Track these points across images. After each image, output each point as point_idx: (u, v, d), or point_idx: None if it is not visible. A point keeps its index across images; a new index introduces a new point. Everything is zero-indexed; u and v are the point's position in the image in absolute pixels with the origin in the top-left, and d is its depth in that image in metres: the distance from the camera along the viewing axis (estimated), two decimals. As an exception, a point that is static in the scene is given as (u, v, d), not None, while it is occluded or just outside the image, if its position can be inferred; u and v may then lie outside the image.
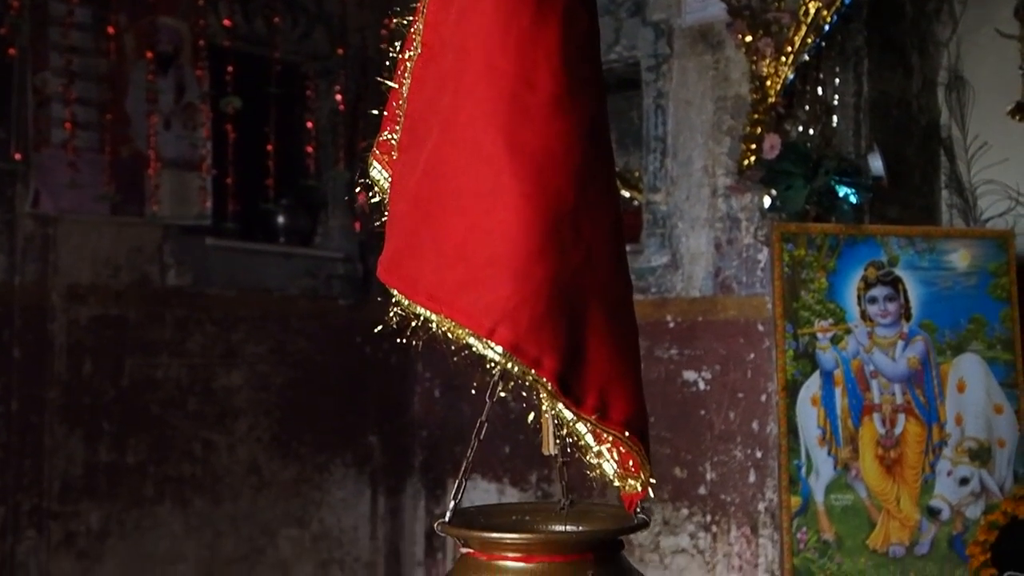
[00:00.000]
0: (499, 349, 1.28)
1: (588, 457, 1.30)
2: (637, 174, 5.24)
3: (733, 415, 4.89)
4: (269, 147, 5.07)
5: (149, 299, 4.69)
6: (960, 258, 4.64)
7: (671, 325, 5.09)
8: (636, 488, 1.27)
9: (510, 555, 1.28)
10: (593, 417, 1.26)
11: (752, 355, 4.86)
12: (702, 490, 4.94)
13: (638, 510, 1.37)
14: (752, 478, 4.81)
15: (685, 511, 4.96)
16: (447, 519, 1.39)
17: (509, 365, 1.28)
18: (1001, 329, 4.54)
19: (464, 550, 1.37)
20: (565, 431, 1.30)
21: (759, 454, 4.79)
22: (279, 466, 5.15)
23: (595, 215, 1.32)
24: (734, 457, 4.87)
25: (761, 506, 4.76)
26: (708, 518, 4.91)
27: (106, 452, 4.50)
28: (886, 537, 4.45)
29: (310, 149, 5.34)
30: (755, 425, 4.82)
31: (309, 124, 5.33)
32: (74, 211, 4.43)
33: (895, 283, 4.61)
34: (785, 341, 4.61)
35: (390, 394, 5.69)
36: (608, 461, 1.27)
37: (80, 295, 4.47)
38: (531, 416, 1.31)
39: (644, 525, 1.36)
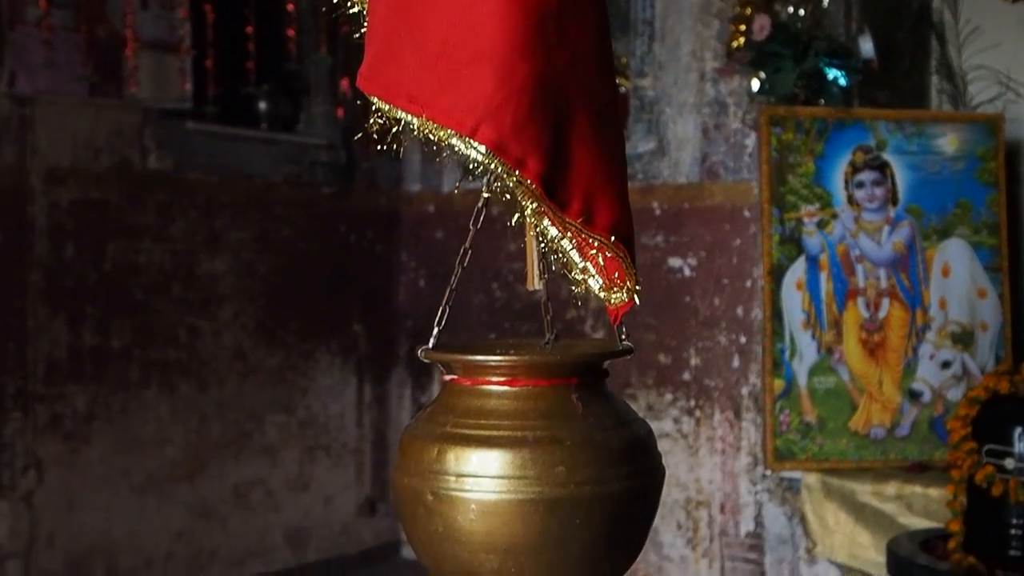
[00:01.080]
0: (482, 149, 1.25)
1: (573, 274, 1.28)
2: (624, 60, 5.16)
3: (718, 301, 4.90)
4: (249, 29, 4.97)
5: (130, 183, 4.63)
6: (948, 143, 4.61)
7: (657, 212, 5.06)
8: (622, 299, 1.26)
9: (494, 379, 1.28)
10: (578, 221, 1.24)
11: (738, 241, 4.85)
12: (686, 376, 4.97)
13: (622, 337, 1.36)
14: (736, 363, 4.84)
15: (669, 396, 5.00)
16: (430, 345, 1.38)
17: (492, 166, 1.26)
18: (987, 214, 4.54)
19: (448, 377, 1.36)
20: (548, 246, 1.28)
21: (743, 339, 4.81)
22: (264, 353, 5.15)
23: (581, 18, 1.28)
24: (718, 343, 4.89)
25: (744, 390, 4.79)
26: (692, 403, 4.95)
27: (90, 336, 4.49)
28: (867, 419, 4.51)
29: (291, 33, 5.23)
30: (739, 311, 4.83)
31: (290, 7, 5.21)
32: (51, 92, 4.35)
33: (883, 167, 4.58)
34: (771, 226, 4.60)
35: (375, 283, 5.68)
36: (593, 276, 1.25)
37: (60, 178, 4.41)
38: (515, 217, 1.28)
39: (628, 351, 1.35)
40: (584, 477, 1.23)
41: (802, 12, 4.54)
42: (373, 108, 1.33)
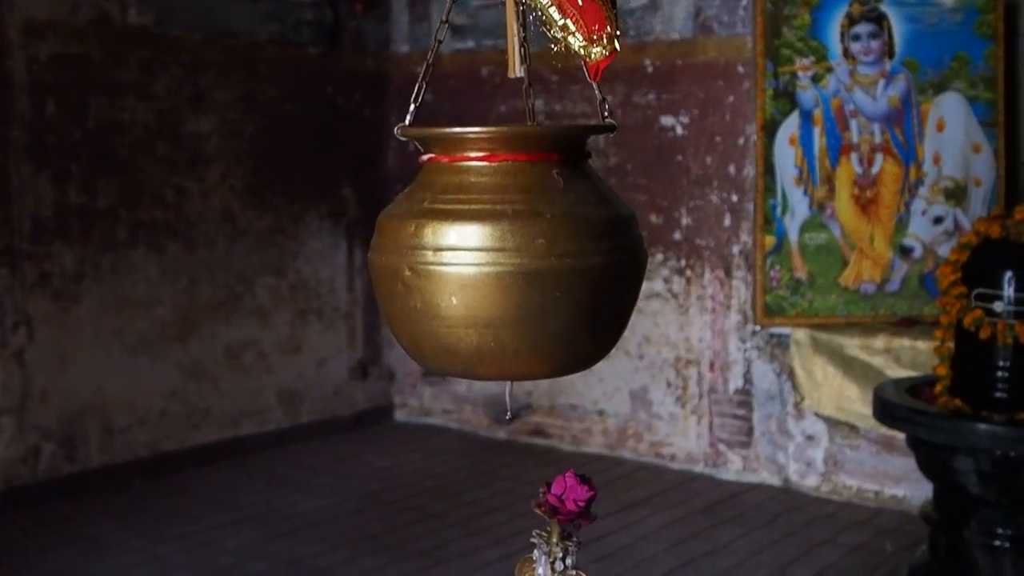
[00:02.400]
0: None
1: (552, 32, 1.24)
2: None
3: (710, 159, 4.85)
4: None
5: (111, 38, 4.53)
6: (947, -6, 4.51)
7: (649, 70, 4.97)
8: (603, 53, 1.22)
9: (473, 155, 1.25)
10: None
11: (731, 98, 4.77)
12: (677, 236, 4.95)
13: (605, 115, 1.33)
14: (727, 222, 4.81)
15: (660, 256, 4.98)
16: (407, 122, 1.34)
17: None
18: (984, 67, 4.46)
19: (425, 157, 1.33)
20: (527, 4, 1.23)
21: (735, 198, 4.78)
22: (253, 215, 5.11)
23: None
24: (710, 202, 4.86)
25: (735, 249, 4.78)
26: (682, 263, 4.95)
27: (75, 194, 4.44)
28: (858, 275, 4.51)
29: None
30: (732, 169, 4.79)
31: None
32: (25, -59, 4.22)
33: (879, 20, 4.49)
34: (765, 80, 4.54)
35: (364, 147, 5.61)
36: (573, 35, 1.21)
37: (38, 31, 4.30)
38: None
39: (611, 128, 1.31)
40: (564, 250, 1.21)
41: None
42: None
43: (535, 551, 1.40)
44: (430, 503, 4.45)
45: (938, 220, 4.47)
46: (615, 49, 1.21)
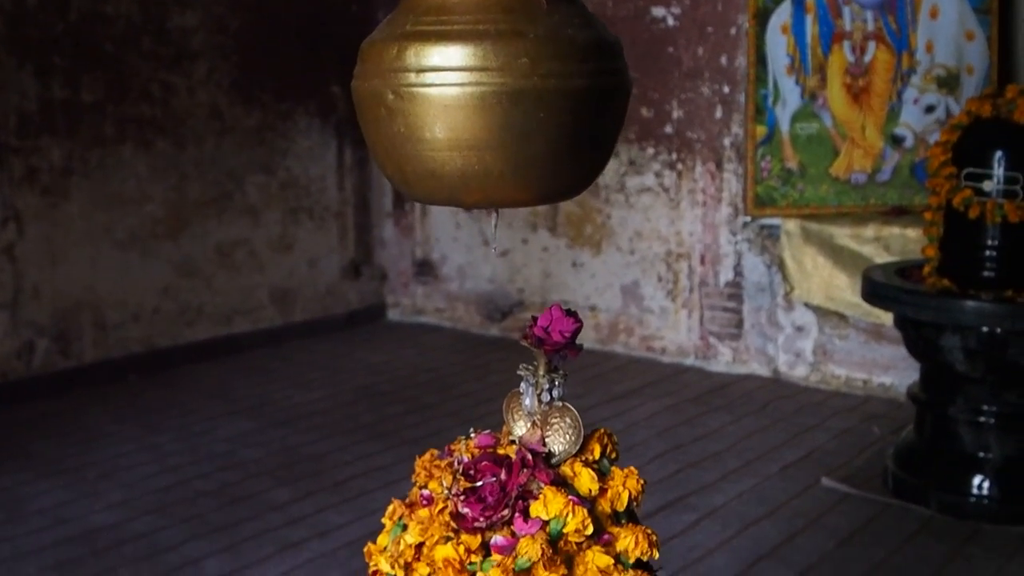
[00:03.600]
0: None
1: None
2: None
3: (702, 51, 4.80)
4: None
5: (91, -72, 4.45)
6: None
7: (641, -40, 4.90)
8: None
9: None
10: None
11: (723, -13, 4.72)
12: (668, 129, 4.92)
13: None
14: (718, 114, 4.78)
15: (651, 151, 4.96)
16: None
17: None
18: (979, -48, 4.40)
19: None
20: None
21: (726, 89, 4.74)
22: (242, 112, 5.07)
23: None
24: (701, 94, 4.82)
25: (726, 141, 4.76)
26: (673, 156, 4.92)
27: (60, 88, 4.39)
28: (849, 165, 4.50)
29: None
30: (723, 60, 4.74)
31: None
32: None
33: (874, -96, 4.41)
34: (757, -33, 4.47)
35: (352, 44, 5.51)
36: None
37: (16, -80, 4.22)
38: None
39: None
40: (548, 70, 1.20)
41: None
42: None
43: (522, 384, 1.42)
44: (423, 395, 4.49)
45: (930, 109, 4.44)
46: None
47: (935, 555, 2.95)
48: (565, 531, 1.31)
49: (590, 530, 1.32)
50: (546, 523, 1.31)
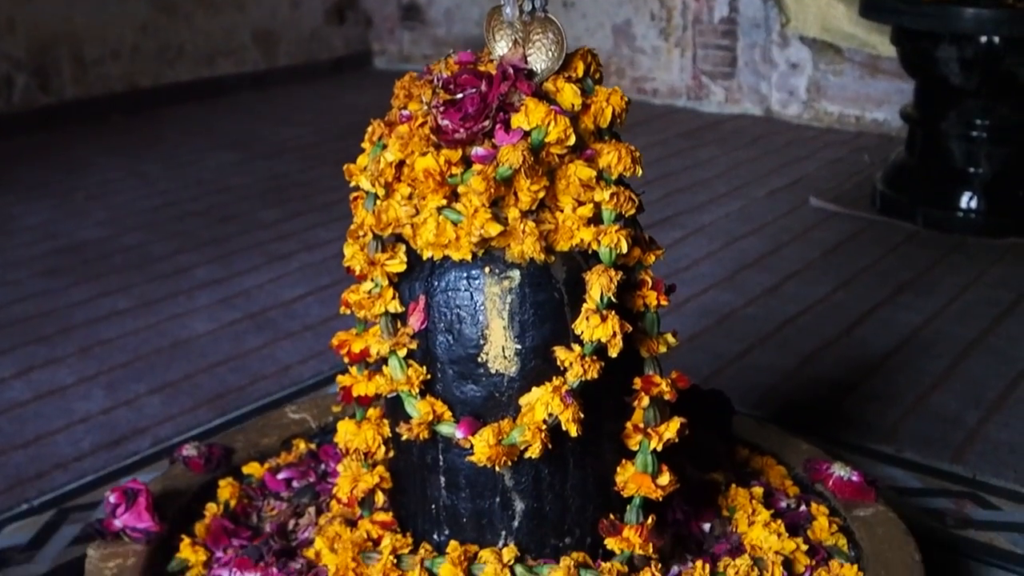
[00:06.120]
0: None
1: None
2: None
3: None
4: None
5: None
6: None
7: None
8: None
9: None
10: None
11: None
12: None
13: None
14: None
15: None
16: None
17: None
18: None
19: None
20: None
21: None
22: None
23: None
24: None
25: None
26: None
27: None
28: None
29: None
30: None
31: None
32: None
33: None
34: None
35: None
36: None
37: None
38: None
39: None
40: None
41: None
42: None
43: (504, -7, 1.36)
44: (411, 132, 4.44)
45: None
46: None
47: (919, 262, 2.98)
48: (547, 140, 1.29)
49: (572, 140, 1.30)
50: (527, 133, 1.29)
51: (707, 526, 1.52)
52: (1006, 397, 2.21)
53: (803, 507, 1.57)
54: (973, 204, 3.22)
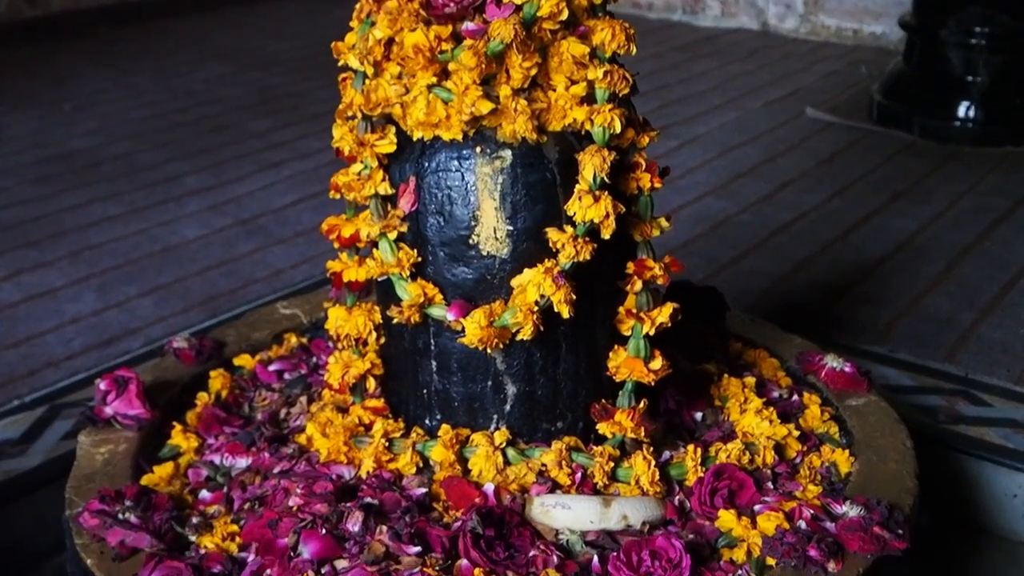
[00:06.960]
0: None
1: None
2: None
3: None
4: None
5: None
6: None
7: None
8: None
9: None
10: None
11: None
12: None
13: None
14: None
15: None
16: None
17: None
18: None
19: None
20: None
21: None
22: None
23: None
24: None
25: None
26: None
27: None
28: None
29: None
30: None
31: None
32: None
33: None
34: None
35: None
36: None
37: None
38: None
39: None
40: None
41: None
42: None
43: None
44: (403, 46, 4.38)
45: None
46: None
47: (915, 171, 2.96)
48: (539, 15, 1.26)
49: (565, 15, 1.27)
50: (519, 7, 1.25)
51: (699, 415, 1.52)
52: (1000, 299, 2.21)
53: (795, 397, 1.57)
54: (971, 113, 3.19)
